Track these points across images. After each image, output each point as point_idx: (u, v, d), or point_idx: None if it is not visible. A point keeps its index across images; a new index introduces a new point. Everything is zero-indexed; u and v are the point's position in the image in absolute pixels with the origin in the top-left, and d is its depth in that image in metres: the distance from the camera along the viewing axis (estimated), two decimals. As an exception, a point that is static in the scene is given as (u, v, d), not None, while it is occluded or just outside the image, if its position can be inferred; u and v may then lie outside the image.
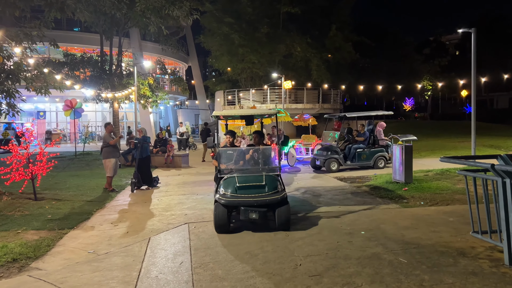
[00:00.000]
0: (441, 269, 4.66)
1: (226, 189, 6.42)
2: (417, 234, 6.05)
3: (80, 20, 19.78)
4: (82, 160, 18.08)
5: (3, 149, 9.56)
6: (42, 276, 4.79)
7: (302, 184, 10.99)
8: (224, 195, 6.34)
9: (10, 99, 10.26)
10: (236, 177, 6.55)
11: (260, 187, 6.39)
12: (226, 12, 30.47)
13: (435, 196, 8.78)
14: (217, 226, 6.26)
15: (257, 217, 6.18)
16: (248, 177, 6.63)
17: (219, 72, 41.39)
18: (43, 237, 6.32)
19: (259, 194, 6.28)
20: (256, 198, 6.23)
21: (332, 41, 31.86)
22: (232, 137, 7.62)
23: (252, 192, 6.31)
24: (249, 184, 6.42)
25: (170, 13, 19.08)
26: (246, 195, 6.29)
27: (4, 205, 8.54)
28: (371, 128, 14.16)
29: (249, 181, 6.49)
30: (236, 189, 6.36)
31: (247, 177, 6.63)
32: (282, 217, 6.24)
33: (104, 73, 22.14)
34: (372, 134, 14.03)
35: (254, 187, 6.39)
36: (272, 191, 6.35)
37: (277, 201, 6.26)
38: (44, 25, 11.01)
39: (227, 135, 7.70)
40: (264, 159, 7.17)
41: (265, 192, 6.32)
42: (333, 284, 4.32)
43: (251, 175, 6.71)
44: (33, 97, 21.49)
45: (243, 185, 6.40)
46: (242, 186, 6.38)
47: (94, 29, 22.56)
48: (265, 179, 6.48)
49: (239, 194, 6.32)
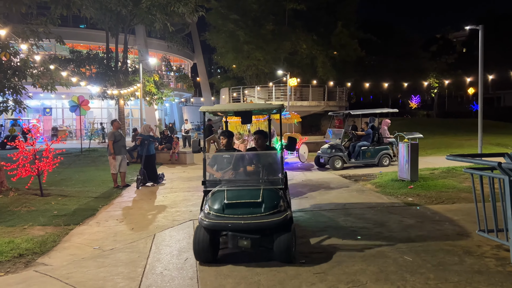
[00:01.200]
0: (447, 267, 4.63)
1: (211, 206, 4.97)
2: (423, 232, 6.02)
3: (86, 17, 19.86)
4: (88, 156, 18.17)
5: (10, 145, 9.63)
6: (48, 272, 4.82)
7: (307, 182, 10.98)
8: (208, 215, 4.90)
9: (16, 95, 10.31)
10: (225, 191, 5.09)
11: (255, 205, 4.90)
12: (232, 9, 30.40)
13: (441, 194, 8.73)
14: (196, 253, 4.89)
15: (249, 245, 4.73)
16: (241, 191, 5.12)
17: (224, 69, 41.38)
18: (49, 233, 6.36)
19: (253, 215, 4.81)
20: (248, 220, 4.75)
21: (337, 38, 31.71)
22: (227, 139, 6.06)
23: (244, 212, 4.84)
24: (241, 201, 4.94)
25: (176, 10, 19.08)
26: (235, 215, 4.82)
27: (10, 200, 8.61)
28: (372, 125, 14.09)
29: (241, 196, 5.01)
30: (224, 207, 4.90)
31: (240, 191, 5.13)
32: (282, 246, 4.73)
33: (110, 70, 22.22)
34: (376, 132, 13.97)
35: (247, 205, 4.91)
36: (271, 210, 4.85)
37: (275, 224, 4.76)
38: (50, 22, 11.02)
39: (222, 136, 6.18)
40: (264, 167, 5.63)
41: (261, 212, 4.83)
42: (337, 282, 4.31)
43: (245, 188, 5.20)
44: (39, 94, 21.64)
45: (232, 202, 4.93)
46: (231, 204, 4.92)
47: (100, 26, 22.64)
48: (263, 195, 4.96)
49: (226, 214, 4.84)
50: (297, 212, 7.47)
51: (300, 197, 8.93)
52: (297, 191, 9.62)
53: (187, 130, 22.88)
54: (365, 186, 10.21)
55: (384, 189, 9.53)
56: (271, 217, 4.80)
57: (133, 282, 4.48)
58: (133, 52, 30.43)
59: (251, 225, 4.74)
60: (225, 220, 4.81)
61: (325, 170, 13.28)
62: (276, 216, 4.82)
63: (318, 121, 32.55)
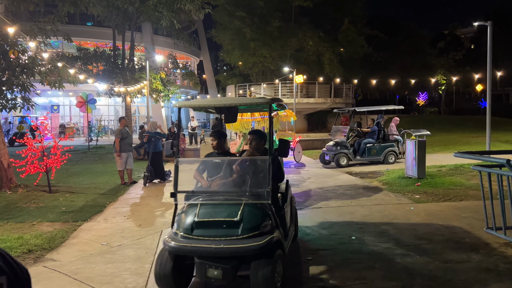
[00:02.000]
0: (454, 265, 4.62)
1: (180, 225, 4.03)
2: (430, 229, 6.00)
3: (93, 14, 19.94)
4: (95, 153, 18.29)
5: (18, 142, 9.71)
6: (57, 267, 4.87)
7: (312, 180, 10.97)
8: (174, 236, 3.97)
9: (25, 93, 10.39)
10: (198, 205, 4.10)
11: (231, 224, 3.88)
12: (238, 6, 30.37)
13: (448, 191, 8.68)
14: (157, 280, 4.03)
15: (220, 276, 3.81)
16: (217, 207, 4.13)
17: (231, 67, 41.37)
18: (58, 229, 6.42)
19: (227, 238, 3.80)
20: (220, 244, 3.73)
21: (344, 34, 31.57)
22: (218, 140, 5.03)
23: (216, 234, 3.84)
24: (214, 220, 3.94)
25: (182, 7, 19.09)
26: (206, 237, 3.84)
27: (19, 197, 8.70)
28: (377, 122, 14.02)
29: (216, 213, 4.01)
30: (193, 226, 3.93)
31: (216, 207, 4.13)
32: (259, 279, 3.71)
33: (117, 67, 22.31)
34: (382, 129, 13.89)
35: (221, 224, 3.91)
36: (250, 232, 3.82)
37: (253, 250, 3.72)
38: (58, 20, 11.09)
39: (211, 136, 5.17)
40: (250, 177, 4.49)
41: (237, 234, 3.81)
42: (344, 279, 4.31)
43: (224, 203, 4.18)
44: (47, 91, 21.78)
45: (204, 220, 3.94)
46: (202, 223, 3.93)
47: (107, 23, 22.72)
48: (242, 212, 3.93)
49: (195, 236, 3.87)
50: (303, 209, 7.47)
51: (306, 194, 8.93)
52: (302, 187, 9.62)
53: (193, 127, 22.94)
54: (372, 183, 10.18)
55: (391, 187, 9.50)
56: (250, 241, 3.75)
57: (141, 278, 4.51)
58: (139, 50, 30.52)
59: (222, 250, 3.71)
60: (193, 243, 3.82)
61: (330, 167, 13.24)
62: (256, 239, 3.76)
63: (325, 118, 32.46)
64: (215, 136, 5.11)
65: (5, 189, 9.22)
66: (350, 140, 13.77)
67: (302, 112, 30.17)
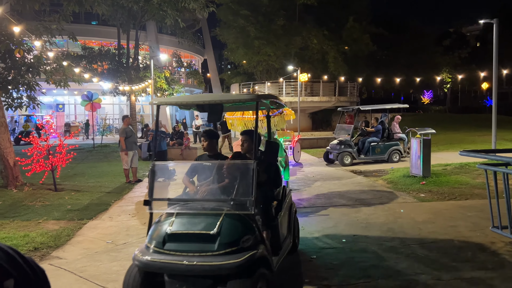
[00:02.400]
0: (460, 264, 4.60)
1: (152, 237, 3.62)
2: (435, 228, 5.98)
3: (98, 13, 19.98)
4: (100, 152, 18.36)
5: (24, 141, 9.76)
6: (63, 265, 4.90)
7: (317, 177, 10.95)
8: (146, 250, 3.54)
9: (30, 91, 10.45)
10: (174, 215, 3.69)
11: (207, 238, 3.43)
12: (242, 5, 30.34)
13: (454, 190, 8.65)
14: None
15: None
16: (194, 217, 3.67)
17: (235, 65, 41.32)
18: (63, 227, 6.46)
19: (201, 253, 3.37)
20: (193, 261, 3.30)
21: (349, 33, 31.46)
22: (209, 140, 4.53)
23: (190, 249, 3.42)
24: (189, 233, 3.51)
25: (187, 5, 19.13)
26: (178, 252, 3.41)
27: (25, 195, 8.76)
28: (381, 121, 13.96)
29: (192, 225, 3.56)
30: (165, 239, 3.50)
31: (193, 217, 3.68)
32: None
33: (121, 66, 22.39)
34: (387, 127, 13.83)
35: (197, 238, 3.47)
36: (228, 248, 3.37)
37: (230, 268, 3.28)
38: (63, 19, 11.11)
39: (202, 137, 4.67)
40: (235, 184, 3.90)
41: (213, 249, 3.37)
42: (349, 278, 4.31)
43: (202, 213, 3.71)
44: (52, 90, 21.90)
45: (177, 232, 3.52)
46: (176, 236, 3.51)
47: (112, 22, 22.80)
48: (221, 224, 3.48)
49: (166, 250, 3.45)
50: (308, 208, 7.47)
51: (310, 193, 8.92)
52: (308, 186, 9.61)
53: (197, 126, 22.98)
54: (377, 182, 10.15)
55: (395, 185, 9.47)
56: (226, 258, 3.30)
57: (146, 276, 4.52)
58: (144, 49, 30.58)
59: (195, 268, 3.27)
60: (163, 259, 3.37)
61: (333, 166, 13.19)
62: (234, 256, 3.30)
63: (329, 116, 32.38)
64: (206, 136, 4.60)
65: (11, 188, 9.28)
66: (354, 139, 13.72)
67: (306, 110, 30.12)
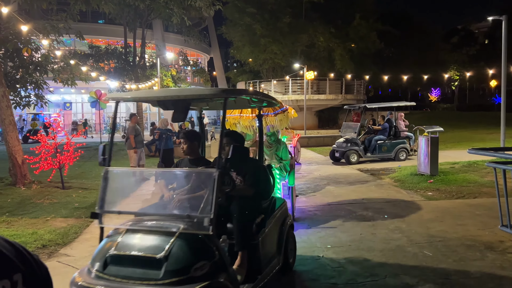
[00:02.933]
0: (468, 263, 4.56)
1: (94, 258, 3.11)
2: (443, 227, 5.93)
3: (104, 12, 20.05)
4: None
5: (32, 139, 9.82)
6: (71, 262, 4.93)
7: (323, 175, 10.92)
8: (86, 273, 3.08)
9: (38, 90, 10.52)
10: (123, 233, 3.17)
11: (152, 263, 2.87)
12: (248, 2, 30.32)
13: (462, 188, 8.58)
14: None
15: None
16: (144, 237, 3.11)
17: (241, 63, 41.35)
18: (71, 225, 6.49)
19: (143, 282, 2.81)
20: None
21: (356, 30, 31.33)
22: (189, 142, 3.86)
23: (132, 275, 2.87)
24: (132, 255, 2.94)
25: (193, 3, 19.11)
26: (118, 279, 2.88)
27: (33, 193, 8.82)
28: (388, 119, 13.86)
29: (138, 246, 3.00)
30: (107, 261, 2.99)
31: (142, 236, 3.12)
32: None
33: (128, 65, 22.46)
34: (394, 126, 13.73)
35: (141, 262, 2.91)
36: (175, 276, 2.79)
37: None
38: (70, 18, 11.18)
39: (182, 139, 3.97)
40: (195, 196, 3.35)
41: (158, 277, 2.80)
42: (356, 276, 4.29)
43: (154, 230, 3.13)
44: (59, 89, 22.05)
45: (120, 254, 2.98)
46: (118, 258, 2.98)
47: (118, 21, 22.87)
48: (172, 246, 2.89)
49: (106, 275, 2.93)
50: (312, 206, 7.45)
51: (319, 191, 8.90)
52: (316, 185, 9.59)
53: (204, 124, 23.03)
54: (384, 180, 10.10)
55: (403, 184, 9.41)
56: None
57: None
58: (150, 47, 30.68)
59: None
60: (101, 285, 2.86)
61: (340, 164, 13.14)
62: (182, 287, 2.75)
63: (336, 114, 32.28)
64: (186, 138, 3.92)
65: (19, 185, 9.35)
66: (361, 137, 13.64)
67: (313, 108, 30.05)
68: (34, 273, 0.76)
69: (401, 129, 14.25)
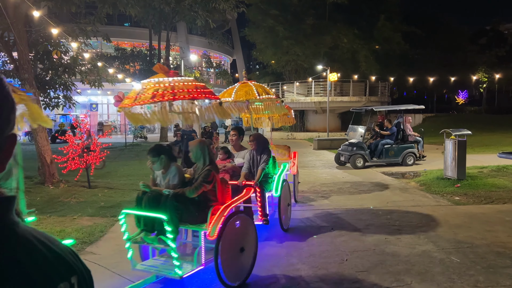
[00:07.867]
0: (497, 270, 4.42)
1: None
2: (471, 233, 5.77)
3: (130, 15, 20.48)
4: (132, 150, 18.78)
5: (60, 139, 10.07)
6: (97, 260, 5.03)
7: (347, 179, 10.79)
8: None
9: (66, 91, 10.81)
10: None
11: None
12: (271, 4, 30.31)
13: (491, 193, 8.32)
14: None
15: None
16: None
17: (263, 65, 41.33)
18: (97, 223, 6.63)
19: None
20: None
21: (380, 31, 30.87)
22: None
23: None
24: None
25: (217, 6, 19.31)
26: None
27: (61, 192, 9.06)
28: (396, 122, 13.52)
29: None
30: None
31: None
32: None
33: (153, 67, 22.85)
34: (402, 129, 13.34)
35: None
36: None
37: None
38: (97, 21, 11.46)
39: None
40: None
41: None
42: (381, 281, 4.22)
43: None
44: (86, 90, 22.58)
45: None
46: None
47: (144, 24, 23.31)
48: None
49: None
50: (336, 209, 7.37)
51: (342, 194, 8.80)
52: (338, 188, 9.49)
53: (227, 125, 23.16)
54: (409, 184, 9.91)
55: (429, 188, 9.21)
56: None
57: (176, 273, 4.57)
58: (174, 49, 31.09)
59: None
60: None
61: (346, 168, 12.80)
62: None
63: (359, 117, 31.82)
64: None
65: (48, 184, 9.62)
66: (368, 141, 13.31)
67: (335, 111, 29.78)
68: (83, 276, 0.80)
69: (408, 133, 13.88)
